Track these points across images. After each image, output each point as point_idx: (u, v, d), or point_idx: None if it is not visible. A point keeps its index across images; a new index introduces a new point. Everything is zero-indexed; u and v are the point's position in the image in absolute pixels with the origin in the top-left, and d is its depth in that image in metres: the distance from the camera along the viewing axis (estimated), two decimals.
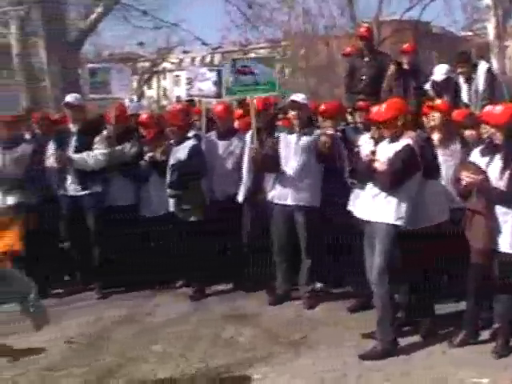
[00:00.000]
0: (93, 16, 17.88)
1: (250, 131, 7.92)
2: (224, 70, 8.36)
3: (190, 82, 8.76)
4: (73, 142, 8.13)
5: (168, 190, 7.98)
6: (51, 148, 8.30)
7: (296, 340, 6.56)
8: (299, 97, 7.74)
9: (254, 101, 7.93)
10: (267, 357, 6.17)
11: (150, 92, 47.05)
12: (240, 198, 8.02)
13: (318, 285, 7.74)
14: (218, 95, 8.51)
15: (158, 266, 8.03)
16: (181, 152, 8.00)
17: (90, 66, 9.35)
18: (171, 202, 8.02)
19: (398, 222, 6.06)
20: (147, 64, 36.35)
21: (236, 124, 8.76)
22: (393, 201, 6.05)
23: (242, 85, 7.86)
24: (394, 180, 6.01)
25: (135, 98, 20.84)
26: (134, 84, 30.02)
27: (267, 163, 7.61)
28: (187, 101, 10.31)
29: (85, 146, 8.08)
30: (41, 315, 5.37)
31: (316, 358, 6.09)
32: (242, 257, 8.08)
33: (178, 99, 30.07)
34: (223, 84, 8.31)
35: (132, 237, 8.07)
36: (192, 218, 7.95)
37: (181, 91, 41.20)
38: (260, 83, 7.84)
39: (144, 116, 8.63)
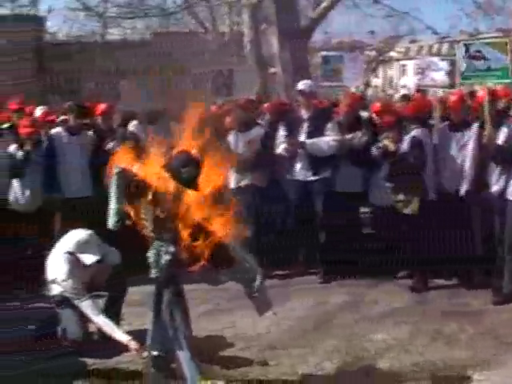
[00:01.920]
0: (324, 4, 18.00)
1: (475, 123, 7.72)
2: (458, 53, 8.11)
3: (421, 71, 8.62)
4: (305, 128, 8.26)
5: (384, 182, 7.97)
6: (282, 133, 8.47)
7: None
8: None
9: (486, 89, 7.67)
10: (490, 358, 5.93)
11: (376, 81, 46.72)
12: (462, 190, 7.81)
13: None
14: (451, 86, 8.31)
15: (380, 255, 8.03)
16: (405, 143, 7.92)
17: (324, 53, 9.47)
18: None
19: None
20: (373, 53, 36.06)
21: None
22: None
23: (474, 70, 7.64)
24: None
25: (362, 86, 20.76)
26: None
27: (502, 155, 7.35)
28: (417, 90, 10.18)
29: (316, 132, 8.19)
30: (264, 300, 5.53)
31: None
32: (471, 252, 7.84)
33: (404, 89, 29.67)
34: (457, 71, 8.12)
35: (356, 223, 8.12)
36: (406, 211, 7.85)
37: (407, 81, 40.57)
38: (492, 69, 7.57)
39: (377, 104, 8.60)
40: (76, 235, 6.28)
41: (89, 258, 6.07)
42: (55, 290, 6.18)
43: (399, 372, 5.66)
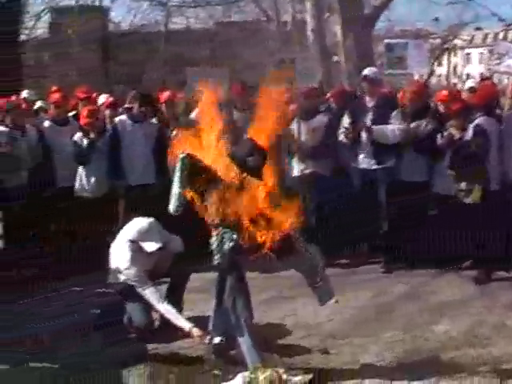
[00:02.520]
0: None
1: None
2: None
3: (499, 57, 8.43)
4: (369, 115, 8.19)
5: (448, 170, 7.88)
6: (346, 121, 8.41)
7: None
8: None
9: None
10: None
11: (440, 69, 46.09)
12: None
13: None
14: None
15: (444, 245, 7.94)
16: (468, 131, 7.82)
17: (387, 41, 9.34)
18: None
19: None
20: (437, 41, 35.52)
21: None
22: None
23: None
24: None
25: (425, 74, 20.50)
26: None
27: None
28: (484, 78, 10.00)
29: (381, 120, 8.11)
30: (326, 290, 5.51)
31: None
32: None
33: (468, 77, 29.19)
34: None
35: (421, 213, 8.06)
36: (468, 200, 7.75)
37: (472, 69, 39.96)
38: None
39: (444, 92, 8.48)
40: (137, 223, 6.34)
41: (150, 246, 6.12)
42: (119, 278, 6.26)
43: (461, 364, 5.58)
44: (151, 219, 6.33)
